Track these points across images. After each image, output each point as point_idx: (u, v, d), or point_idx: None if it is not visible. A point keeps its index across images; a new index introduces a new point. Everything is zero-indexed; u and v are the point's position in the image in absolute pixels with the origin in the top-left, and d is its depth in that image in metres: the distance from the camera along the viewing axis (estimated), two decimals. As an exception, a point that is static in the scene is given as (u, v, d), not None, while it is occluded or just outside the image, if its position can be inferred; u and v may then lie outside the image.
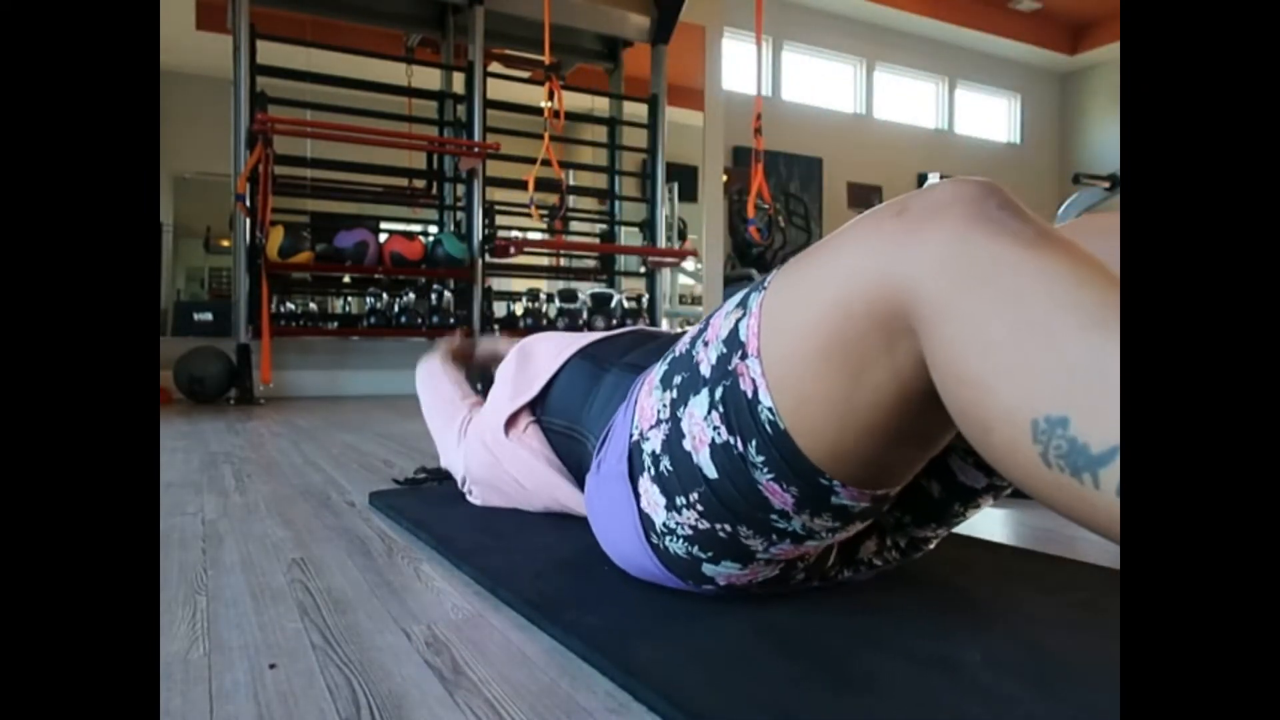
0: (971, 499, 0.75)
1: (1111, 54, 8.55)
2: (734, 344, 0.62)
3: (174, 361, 3.46)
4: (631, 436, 0.74)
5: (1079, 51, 8.69)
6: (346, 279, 4.14)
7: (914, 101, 8.34)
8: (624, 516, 0.75)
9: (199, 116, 4.14)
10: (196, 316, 4.41)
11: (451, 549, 0.96)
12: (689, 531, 0.69)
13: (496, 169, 4.18)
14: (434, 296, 3.98)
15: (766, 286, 0.62)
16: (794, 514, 0.63)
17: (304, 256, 3.58)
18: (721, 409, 0.63)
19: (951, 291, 0.48)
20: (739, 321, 0.63)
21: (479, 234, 4.02)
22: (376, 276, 3.93)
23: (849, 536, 0.72)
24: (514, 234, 4.65)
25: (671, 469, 0.68)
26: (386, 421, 2.70)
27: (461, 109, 4.18)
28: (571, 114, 4.10)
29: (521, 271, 4.54)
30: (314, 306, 4.54)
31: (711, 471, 0.64)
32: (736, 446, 0.62)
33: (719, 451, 0.63)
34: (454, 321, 3.95)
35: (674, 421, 0.68)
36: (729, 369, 0.62)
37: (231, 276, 3.73)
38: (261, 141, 3.39)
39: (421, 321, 3.91)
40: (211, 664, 0.66)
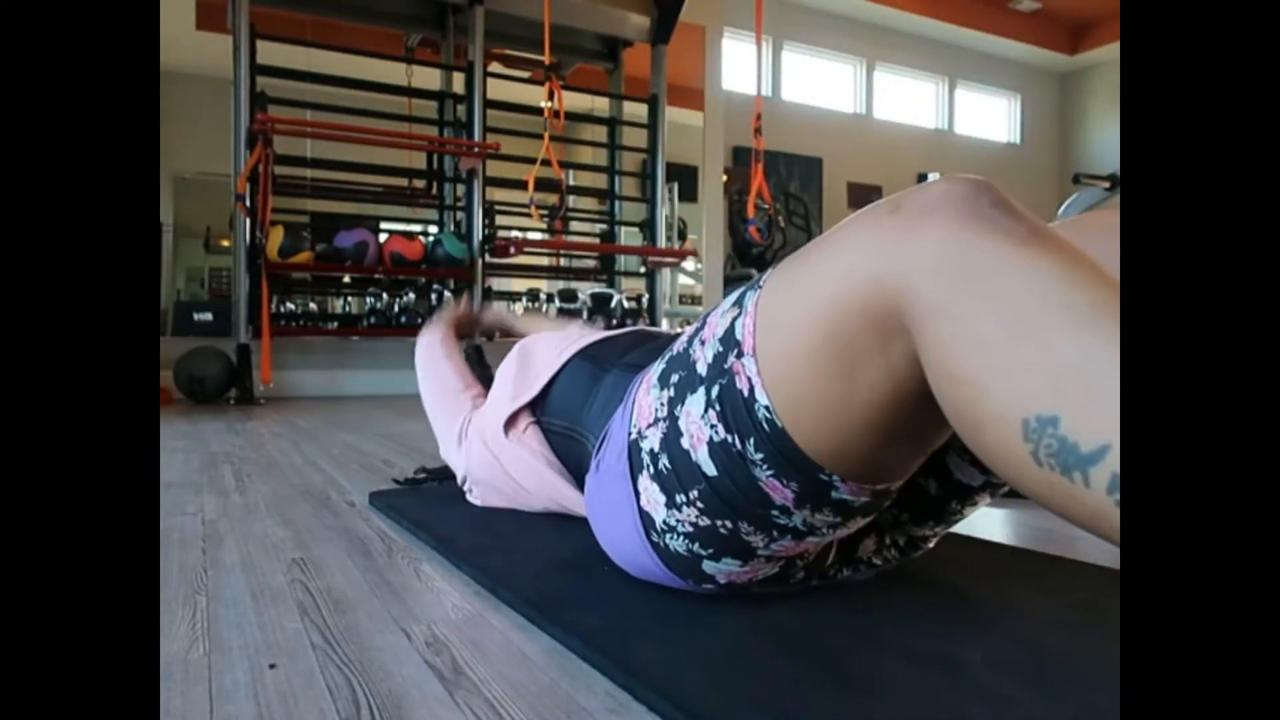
0: (969, 497, 0.75)
1: (1111, 54, 8.55)
2: (730, 342, 0.62)
3: (174, 361, 3.46)
4: (630, 435, 0.74)
5: (1079, 51, 8.70)
6: (346, 279, 4.14)
7: (914, 101, 8.34)
8: (624, 515, 0.75)
9: (199, 116, 4.14)
10: (196, 316, 4.41)
11: (451, 549, 0.96)
12: (689, 529, 0.69)
13: (496, 169, 4.18)
14: (434, 296, 3.98)
15: (762, 285, 0.62)
16: (795, 509, 0.63)
17: (304, 256, 3.58)
18: (718, 407, 0.63)
19: (944, 290, 0.48)
20: (735, 320, 0.63)
21: (479, 234, 4.02)
22: (376, 276, 3.93)
23: (849, 534, 0.72)
24: (514, 234, 4.65)
25: (670, 467, 0.68)
26: (386, 421, 2.70)
27: (461, 109, 4.19)
28: (571, 114, 4.10)
29: (521, 271, 4.54)
30: (314, 306, 4.54)
31: (711, 469, 0.64)
32: (735, 444, 0.62)
33: (717, 449, 0.63)
34: (453, 289, 3.94)
35: (671, 420, 0.68)
36: (725, 367, 0.62)
37: (231, 276, 3.73)
38: (261, 141, 3.39)
39: (421, 321, 3.90)
40: (211, 664, 0.66)
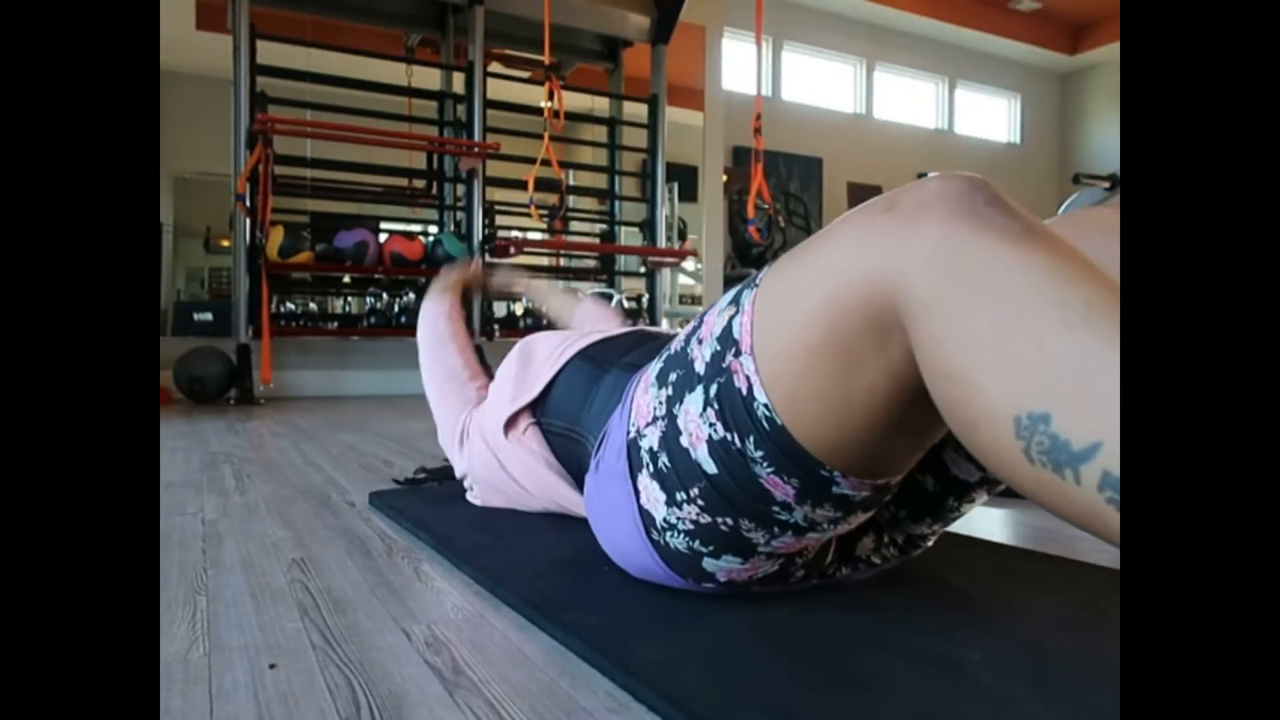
0: (965, 493, 0.75)
1: (1111, 54, 8.55)
2: (728, 341, 0.62)
3: (174, 361, 3.46)
4: (628, 434, 0.74)
5: (1079, 51, 8.69)
6: (346, 279, 4.14)
7: (914, 101, 8.33)
8: (623, 514, 0.75)
9: (199, 116, 4.15)
10: (196, 316, 4.41)
11: (451, 549, 0.96)
12: (690, 526, 0.69)
13: (496, 169, 4.18)
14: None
15: (759, 283, 0.62)
16: (796, 505, 0.64)
17: (304, 256, 3.58)
18: (717, 406, 0.63)
19: (938, 287, 0.49)
20: (732, 319, 0.63)
21: (479, 234, 4.02)
22: (376, 276, 3.93)
23: (848, 531, 0.73)
24: (514, 234, 4.65)
25: (670, 465, 0.68)
26: (386, 421, 2.70)
27: (461, 109, 4.19)
28: (571, 114, 4.10)
29: (521, 272, 4.54)
30: (314, 306, 4.54)
31: (711, 467, 0.64)
32: (734, 442, 0.62)
33: (717, 447, 0.64)
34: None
35: (670, 419, 0.68)
36: (723, 366, 0.62)
37: (231, 276, 3.73)
38: (261, 141, 3.39)
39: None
40: (211, 664, 0.66)
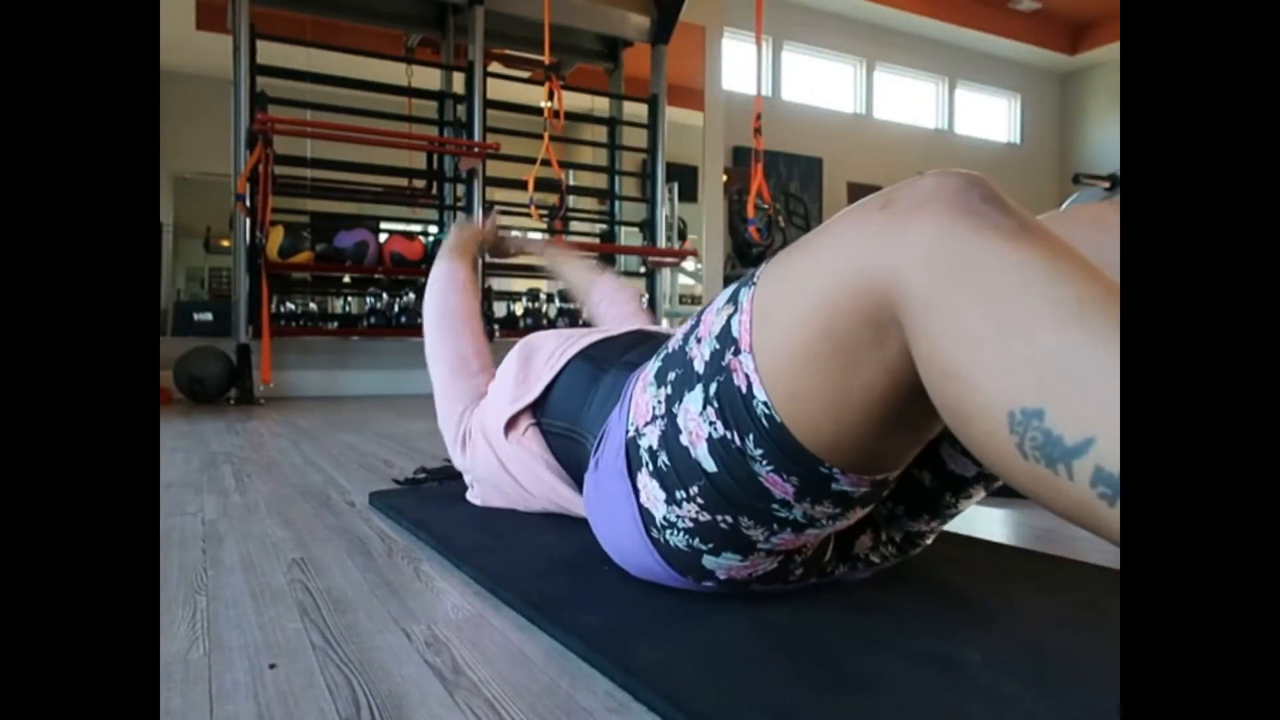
0: (962, 488, 0.76)
1: (1111, 54, 8.55)
2: (727, 340, 0.63)
3: (174, 361, 3.46)
4: (627, 433, 0.74)
5: (1079, 51, 8.69)
6: (346, 279, 4.14)
7: (914, 101, 8.33)
8: (623, 513, 0.75)
9: (199, 116, 4.15)
10: (196, 316, 4.41)
11: (451, 549, 0.96)
12: (689, 524, 0.69)
13: (496, 169, 4.18)
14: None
15: (756, 281, 0.62)
16: (795, 503, 0.64)
17: (304, 256, 3.58)
18: (716, 404, 0.63)
19: (934, 284, 0.49)
20: (731, 317, 0.63)
21: (479, 234, 4.01)
22: (376, 276, 3.93)
23: (846, 527, 0.73)
24: (514, 234, 4.65)
25: (670, 463, 0.68)
26: (386, 421, 2.70)
27: (461, 109, 4.18)
28: (571, 114, 4.10)
29: (521, 271, 4.54)
30: (314, 306, 4.53)
31: (711, 465, 0.65)
32: (734, 441, 0.62)
33: (717, 446, 0.64)
34: None
35: (670, 417, 0.68)
36: (722, 364, 0.63)
37: (231, 276, 3.73)
38: (261, 141, 3.39)
39: (421, 321, 3.90)
40: (211, 664, 0.66)
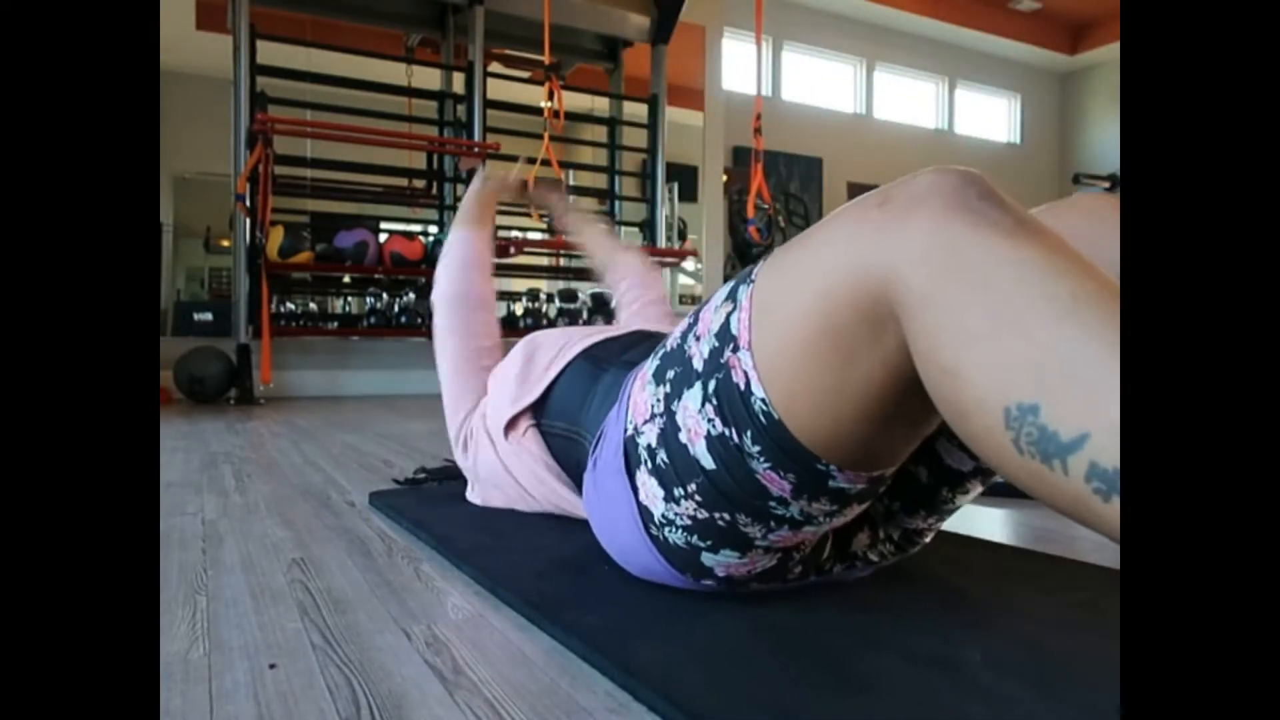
0: (959, 483, 0.76)
1: (1111, 54, 8.54)
2: (725, 337, 0.63)
3: (174, 361, 3.46)
4: (626, 431, 0.74)
5: (1079, 51, 8.69)
6: (346, 279, 4.14)
7: (914, 101, 8.33)
8: (622, 511, 0.75)
9: (199, 116, 4.15)
10: (196, 316, 4.41)
11: (451, 549, 0.96)
12: (688, 521, 0.69)
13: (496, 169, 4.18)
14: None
15: (754, 279, 0.62)
16: (792, 500, 0.64)
17: (304, 256, 3.58)
18: (715, 402, 0.63)
19: (932, 281, 0.49)
20: (729, 315, 0.63)
21: (479, 234, 4.01)
22: (376, 276, 3.92)
23: (843, 525, 0.73)
24: (514, 234, 4.65)
25: (668, 461, 0.68)
26: (386, 421, 2.70)
27: (461, 109, 4.19)
28: (571, 114, 4.10)
29: (521, 271, 4.54)
30: (314, 306, 4.54)
31: (709, 462, 0.65)
32: (732, 438, 0.62)
33: (715, 443, 0.64)
34: None
35: (668, 415, 0.68)
36: (721, 362, 0.63)
37: (231, 276, 3.73)
38: (261, 141, 3.39)
39: (421, 321, 3.90)
40: (211, 664, 0.66)
